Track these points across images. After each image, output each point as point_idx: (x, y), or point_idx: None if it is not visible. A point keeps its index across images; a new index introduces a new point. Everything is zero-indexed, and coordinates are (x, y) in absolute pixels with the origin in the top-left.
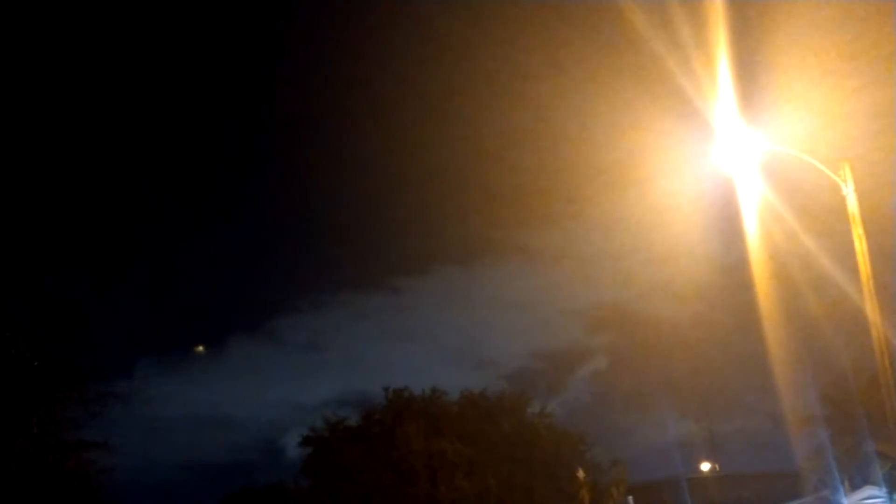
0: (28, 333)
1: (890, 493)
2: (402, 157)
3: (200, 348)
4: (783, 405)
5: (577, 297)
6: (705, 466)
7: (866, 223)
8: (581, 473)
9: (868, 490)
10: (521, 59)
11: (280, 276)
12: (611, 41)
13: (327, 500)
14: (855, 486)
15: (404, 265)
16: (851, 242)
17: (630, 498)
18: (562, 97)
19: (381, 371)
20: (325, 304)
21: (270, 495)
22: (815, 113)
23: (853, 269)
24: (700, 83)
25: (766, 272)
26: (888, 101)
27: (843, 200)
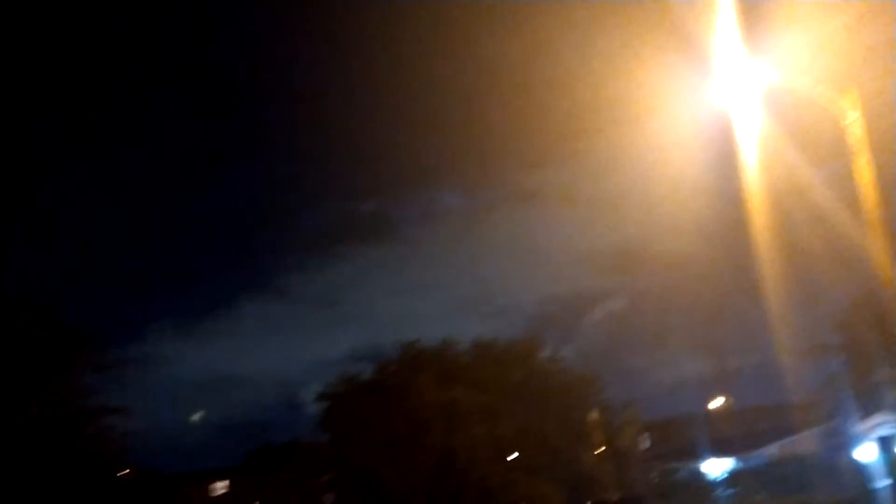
0: (37, 303)
1: None
2: (402, 101)
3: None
4: (794, 337)
5: (585, 239)
6: (719, 401)
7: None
8: (594, 415)
9: (879, 416)
10: None
11: (288, 232)
12: None
13: (345, 453)
14: (866, 413)
15: (412, 215)
16: (850, 175)
17: (646, 434)
18: (559, 33)
19: (394, 323)
20: (334, 259)
21: (289, 452)
22: (816, 44)
23: (852, 201)
24: (699, 16)
25: (766, 205)
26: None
27: (842, 133)
